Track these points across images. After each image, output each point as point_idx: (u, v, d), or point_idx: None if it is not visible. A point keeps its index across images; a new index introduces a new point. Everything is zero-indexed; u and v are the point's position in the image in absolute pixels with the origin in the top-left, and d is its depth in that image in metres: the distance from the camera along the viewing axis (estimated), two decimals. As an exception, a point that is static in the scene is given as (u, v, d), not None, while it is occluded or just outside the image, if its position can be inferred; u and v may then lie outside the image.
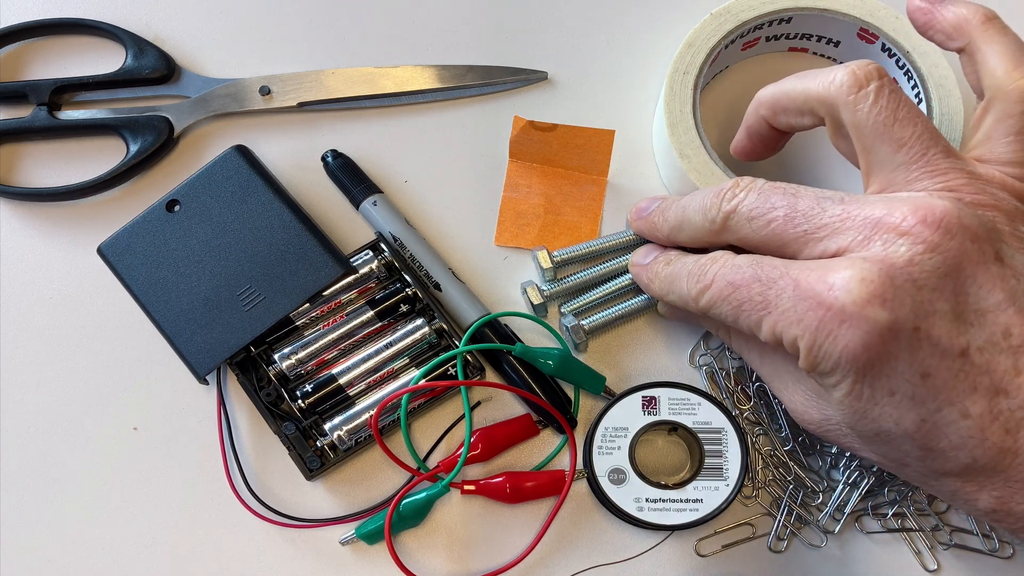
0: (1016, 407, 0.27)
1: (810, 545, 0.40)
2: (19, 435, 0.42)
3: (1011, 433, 0.27)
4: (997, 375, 0.27)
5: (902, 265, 0.27)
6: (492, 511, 0.41)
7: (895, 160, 0.31)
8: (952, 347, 0.27)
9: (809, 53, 0.46)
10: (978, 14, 0.34)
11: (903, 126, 0.31)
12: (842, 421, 0.31)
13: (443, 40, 0.47)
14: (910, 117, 0.31)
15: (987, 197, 0.30)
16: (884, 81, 0.31)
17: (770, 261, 0.31)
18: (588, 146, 0.43)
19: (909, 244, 0.28)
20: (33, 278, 0.44)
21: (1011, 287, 0.28)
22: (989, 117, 0.32)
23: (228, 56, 0.47)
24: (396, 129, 0.46)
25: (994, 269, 0.28)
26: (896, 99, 0.31)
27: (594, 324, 0.41)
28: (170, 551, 0.40)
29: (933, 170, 0.30)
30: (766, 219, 0.32)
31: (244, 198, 0.41)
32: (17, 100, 0.46)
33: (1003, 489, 0.28)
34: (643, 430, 0.39)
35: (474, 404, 0.42)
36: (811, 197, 0.31)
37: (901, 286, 0.27)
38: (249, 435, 0.41)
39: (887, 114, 0.31)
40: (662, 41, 0.47)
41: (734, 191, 0.33)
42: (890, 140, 0.31)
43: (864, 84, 0.31)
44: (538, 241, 0.44)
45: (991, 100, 0.32)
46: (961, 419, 0.28)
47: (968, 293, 0.28)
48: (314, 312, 0.41)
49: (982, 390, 0.27)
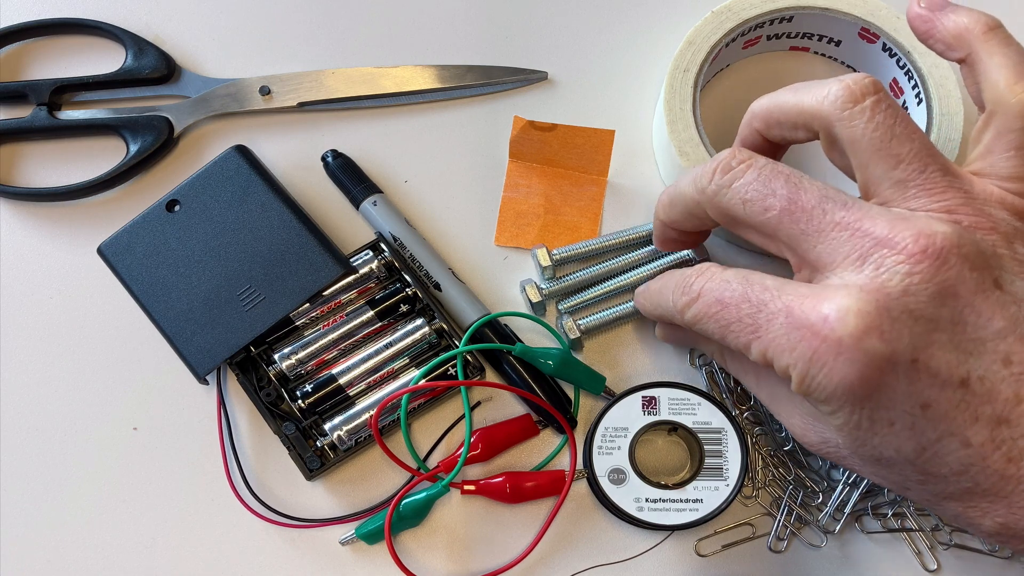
0: (1019, 436, 0.27)
1: (810, 545, 0.40)
2: (19, 435, 0.42)
3: (1014, 462, 0.27)
4: (999, 404, 0.27)
5: (899, 295, 0.27)
6: (492, 511, 0.41)
7: (892, 177, 0.30)
8: (952, 377, 0.27)
9: (810, 52, 0.46)
10: (980, 23, 0.32)
11: (900, 142, 0.29)
12: (841, 445, 0.30)
13: (443, 40, 0.47)
14: (907, 133, 0.30)
15: (985, 219, 0.29)
16: (880, 96, 0.30)
17: (760, 280, 0.30)
18: (588, 146, 0.43)
19: (906, 272, 0.27)
20: (33, 278, 0.44)
21: (1011, 314, 0.27)
22: (989, 131, 0.31)
23: (228, 56, 0.47)
24: (396, 129, 0.46)
25: (993, 297, 0.27)
26: (893, 114, 0.30)
27: (590, 324, 0.41)
28: (170, 551, 0.40)
29: (931, 188, 0.29)
30: (762, 205, 0.30)
31: (244, 198, 0.41)
32: (17, 100, 0.46)
33: (1007, 515, 0.28)
34: (643, 430, 0.39)
35: (474, 404, 0.42)
36: (816, 193, 0.29)
37: (898, 318, 0.27)
38: (249, 435, 0.41)
39: (884, 130, 0.29)
40: (662, 41, 0.47)
41: (730, 163, 0.31)
42: (887, 157, 0.30)
43: (860, 99, 0.30)
44: (538, 241, 0.44)
45: (992, 114, 0.31)
46: (962, 448, 0.27)
47: (967, 322, 0.27)
48: (314, 312, 0.41)
49: (984, 420, 0.27)
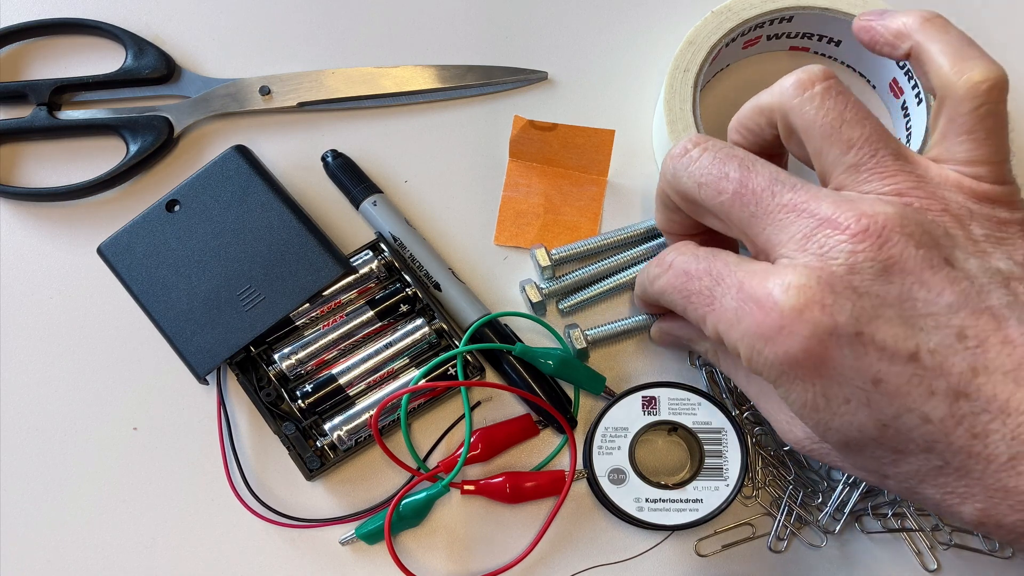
0: (980, 410, 0.27)
1: (810, 545, 0.40)
2: (19, 435, 0.42)
3: (979, 438, 0.27)
4: (953, 377, 0.27)
5: (842, 273, 0.27)
6: (492, 511, 0.41)
7: (844, 161, 0.30)
8: (900, 351, 0.27)
9: (810, 52, 0.46)
10: (917, 16, 0.33)
11: (851, 127, 0.30)
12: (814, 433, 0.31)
13: (443, 40, 0.47)
14: (858, 118, 0.30)
15: (936, 202, 0.29)
16: (831, 83, 0.31)
17: (724, 257, 0.31)
18: (588, 146, 0.43)
19: (849, 251, 0.28)
20: (33, 278, 0.44)
21: (963, 289, 0.27)
22: (942, 117, 0.32)
23: (228, 56, 0.47)
24: (396, 129, 0.46)
25: (942, 272, 0.28)
26: (843, 100, 0.30)
27: (597, 336, 0.41)
28: (170, 551, 0.40)
29: (882, 172, 0.30)
30: (715, 189, 0.31)
31: (244, 198, 0.41)
32: (17, 100, 0.46)
33: (985, 500, 0.27)
34: (643, 430, 0.39)
35: (474, 404, 0.42)
36: (766, 176, 0.30)
37: (841, 292, 0.27)
38: (249, 435, 0.41)
39: (834, 115, 0.30)
40: (662, 41, 0.47)
41: (686, 146, 0.33)
42: (838, 142, 0.30)
43: (809, 86, 0.31)
44: (538, 240, 0.44)
45: (942, 100, 0.32)
46: (923, 424, 0.27)
47: (917, 298, 0.27)
48: (314, 312, 0.41)
49: (940, 394, 0.27)
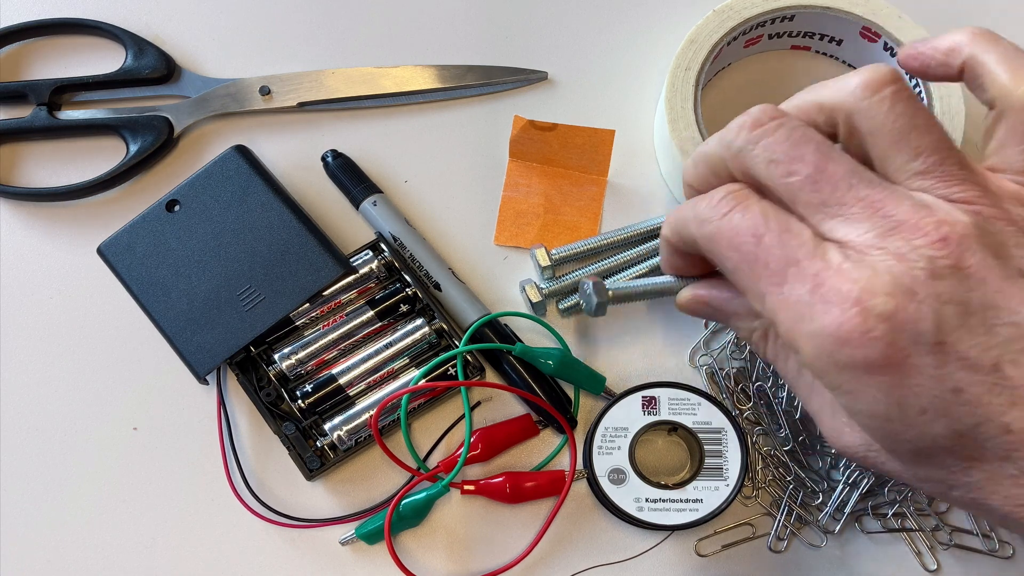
0: None
1: (810, 545, 0.40)
2: (19, 435, 0.42)
3: None
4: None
5: (924, 279, 0.27)
6: (492, 511, 0.41)
7: (911, 168, 0.30)
8: (982, 361, 0.27)
9: (812, 51, 0.46)
10: (966, 32, 0.33)
11: (920, 133, 0.29)
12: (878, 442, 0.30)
13: (443, 40, 0.47)
14: (927, 124, 0.30)
15: (1001, 212, 0.29)
16: (900, 85, 0.30)
17: (799, 230, 0.29)
18: (588, 146, 0.43)
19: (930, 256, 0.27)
20: (33, 278, 0.44)
21: None
22: (1001, 127, 0.31)
23: (228, 56, 0.47)
24: (396, 129, 0.46)
25: (1020, 283, 0.27)
26: (913, 105, 0.30)
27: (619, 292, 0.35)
28: (170, 551, 0.40)
29: (950, 181, 0.29)
30: (787, 169, 0.29)
31: (244, 198, 0.41)
32: (17, 100, 0.46)
33: None
34: (643, 430, 0.39)
35: (474, 404, 0.42)
36: (845, 166, 0.29)
37: (924, 300, 0.27)
38: (249, 435, 0.41)
39: (905, 120, 0.29)
40: (662, 41, 0.47)
41: (761, 118, 0.30)
42: (907, 147, 0.29)
43: (878, 88, 0.30)
44: (538, 240, 0.44)
45: (1001, 111, 0.31)
46: (1003, 434, 0.27)
47: (999, 307, 0.27)
48: (314, 312, 0.41)
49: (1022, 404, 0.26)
